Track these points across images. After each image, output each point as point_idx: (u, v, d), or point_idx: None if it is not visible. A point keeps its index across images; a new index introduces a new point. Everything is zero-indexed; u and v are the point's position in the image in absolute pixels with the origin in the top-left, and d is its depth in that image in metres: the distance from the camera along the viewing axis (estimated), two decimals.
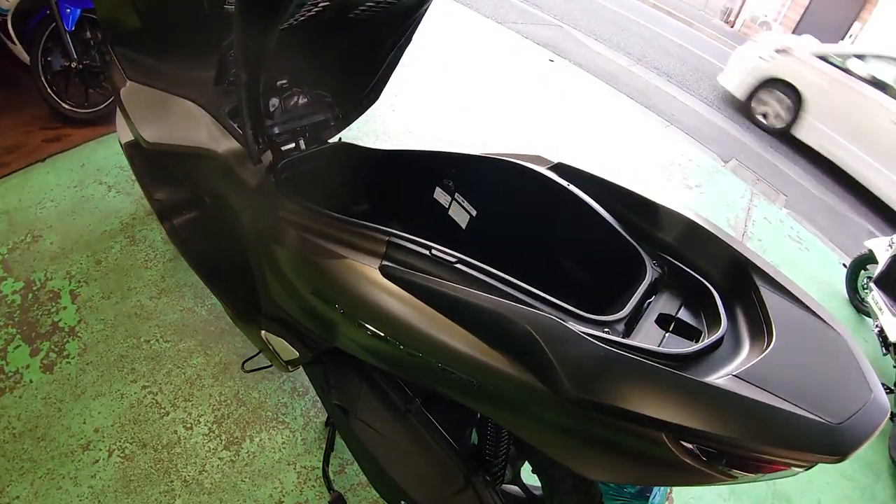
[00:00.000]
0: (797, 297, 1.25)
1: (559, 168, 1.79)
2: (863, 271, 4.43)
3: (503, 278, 1.28)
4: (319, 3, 1.41)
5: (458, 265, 1.30)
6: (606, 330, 1.19)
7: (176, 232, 2.22)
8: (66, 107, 3.23)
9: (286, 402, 2.23)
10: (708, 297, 1.35)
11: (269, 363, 2.00)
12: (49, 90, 3.15)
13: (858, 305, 4.46)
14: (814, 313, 1.22)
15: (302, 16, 1.46)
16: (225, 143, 1.83)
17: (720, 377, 1.03)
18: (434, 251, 1.33)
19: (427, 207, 2.15)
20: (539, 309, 1.18)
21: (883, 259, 4.02)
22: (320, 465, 2.05)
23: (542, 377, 1.07)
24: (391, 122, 4.30)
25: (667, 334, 1.28)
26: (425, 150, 2.05)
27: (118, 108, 2.13)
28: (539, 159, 1.85)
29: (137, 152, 2.21)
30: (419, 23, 1.87)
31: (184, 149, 1.89)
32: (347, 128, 2.20)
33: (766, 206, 5.37)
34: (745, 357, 1.13)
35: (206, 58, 1.96)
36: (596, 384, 1.02)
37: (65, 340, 2.18)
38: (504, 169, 1.83)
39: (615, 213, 1.61)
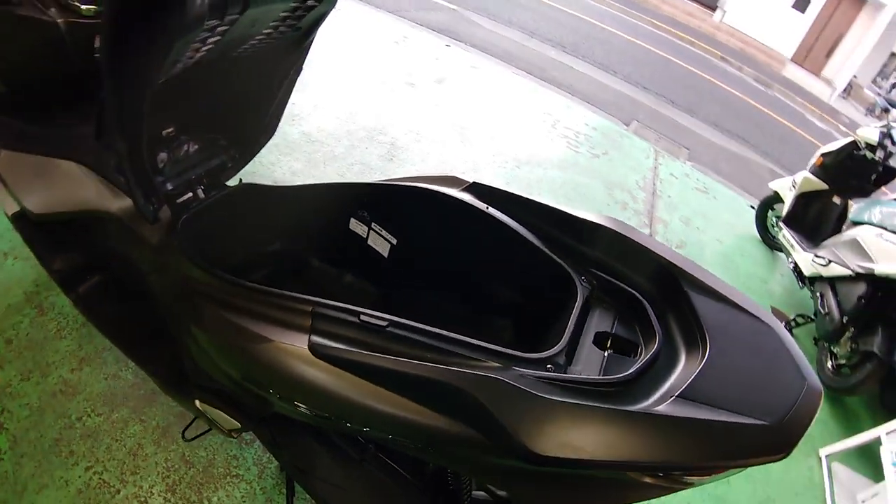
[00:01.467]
0: (725, 296, 1.30)
1: (474, 188, 1.77)
2: (770, 211, 4.71)
3: (437, 334, 1.25)
4: (200, 50, 1.34)
5: (390, 328, 1.26)
6: (549, 366, 1.20)
7: (83, 301, 2.07)
8: None
9: (235, 454, 2.18)
10: (640, 308, 1.37)
11: (210, 427, 1.94)
12: None
13: (770, 243, 4.75)
14: (743, 309, 1.27)
15: (181, 66, 1.38)
16: (117, 202, 1.72)
17: (663, 398, 1.08)
18: (363, 317, 1.27)
19: (344, 239, 2.11)
20: (479, 360, 1.19)
21: (788, 199, 4.29)
22: None
23: (496, 439, 1.08)
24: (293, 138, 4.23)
25: (606, 354, 1.31)
26: (333, 183, 2.01)
27: None
28: (453, 180, 1.84)
29: (25, 223, 2.05)
30: (308, 51, 1.83)
31: (74, 214, 1.78)
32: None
33: (671, 163, 5.60)
34: (682, 369, 1.17)
35: (84, 112, 1.82)
36: (550, 440, 1.03)
37: None
38: (418, 195, 1.81)
39: (537, 232, 1.61)
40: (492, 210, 1.65)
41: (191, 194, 1.85)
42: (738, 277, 4.27)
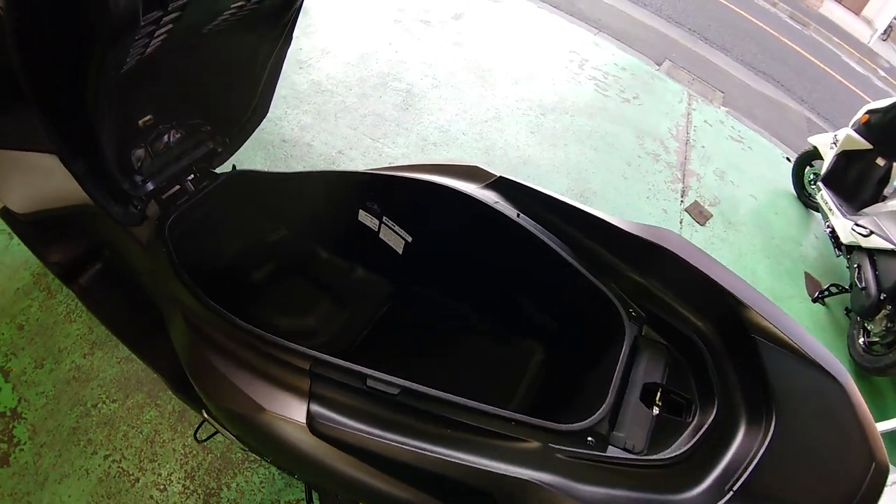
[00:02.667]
0: (795, 346, 1.14)
1: (501, 184, 1.59)
2: (808, 167, 4.47)
3: (457, 404, 1.09)
4: (150, 45, 1.14)
5: (402, 397, 1.09)
6: (590, 439, 1.07)
7: (86, 293, 1.95)
8: None
9: None
10: (697, 355, 1.23)
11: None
12: None
13: (806, 201, 4.53)
14: (813, 362, 1.12)
15: (134, 60, 1.18)
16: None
17: (719, 487, 0.95)
18: (370, 382, 1.11)
19: (353, 231, 1.95)
20: (508, 438, 1.04)
21: (828, 157, 4.04)
22: (303, 496, 1.98)
23: None
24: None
25: (655, 413, 1.17)
26: (337, 172, 1.83)
27: None
28: (477, 171, 1.65)
29: (14, 219, 1.90)
30: (295, 21, 1.61)
31: (60, 210, 1.63)
32: None
33: (705, 108, 5.31)
34: (742, 441, 1.04)
35: None
36: None
37: (11, 426, 2.00)
38: (437, 192, 1.62)
39: (576, 245, 1.43)
40: (523, 220, 1.47)
41: (178, 187, 1.69)
42: (771, 238, 4.08)
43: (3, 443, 1.95)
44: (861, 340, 3.35)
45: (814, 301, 3.67)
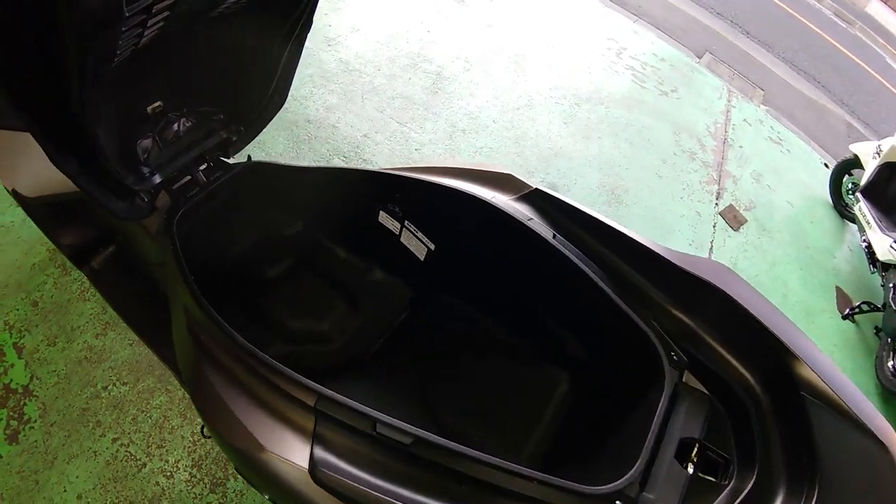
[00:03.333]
0: (845, 407, 1.04)
1: (536, 197, 1.48)
2: (847, 176, 4.31)
3: (471, 457, 0.99)
4: (144, 35, 1.04)
5: (414, 448, 1.00)
6: (618, 503, 0.98)
7: (98, 276, 1.90)
8: None
9: None
10: (739, 409, 1.14)
11: None
12: None
13: (843, 211, 4.37)
14: (861, 426, 1.02)
15: (132, 47, 1.08)
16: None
17: None
18: (380, 426, 1.01)
19: (373, 232, 1.86)
20: (529, 501, 0.97)
21: (870, 167, 3.88)
22: None
23: None
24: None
25: (689, 472, 1.08)
26: (360, 169, 1.74)
27: None
28: (511, 180, 1.54)
29: (25, 200, 1.85)
30: (309, 4, 1.46)
31: (70, 196, 1.56)
32: None
33: (745, 106, 5.14)
34: None
35: None
36: None
37: (22, 403, 1.97)
38: (469, 204, 1.50)
39: (612, 271, 1.32)
40: (559, 241, 1.36)
41: (189, 178, 1.60)
42: (806, 248, 3.95)
43: (13, 420, 1.93)
44: (890, 363, 3.21)
45: (844, 318, 3.55)
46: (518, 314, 1.65)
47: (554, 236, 1.37)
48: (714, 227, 3.68)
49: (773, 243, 3.82)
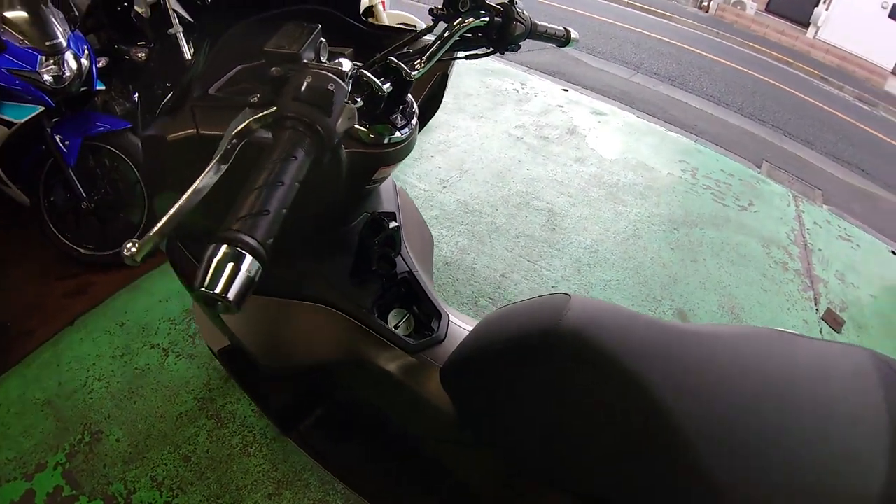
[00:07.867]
0: None
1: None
2: None
3: None
4: None
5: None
6: None
7: (307, 441, 1.72)
8: (83, 251, 2.76)
9: None
10: None
11: None
12: (59, 235, 2.71)
13: None
14: None
15: None
16: (382, 352, 1.34)
17: None
18: None
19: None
20: None
21: None
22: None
23: None
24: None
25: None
26: None
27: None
28: None
29: (237, 361, 1.70)
30: None
31: (319, 363, 1.43)
32: None
33: (811, 209, 5.77)
34: None
35: (325, 250, 1.40)
36: None
37: None
38: None
39: None
40: None
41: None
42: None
43: None
44: None
45: None
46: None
47: None
48: (821, 332, 4.20)
49: (871, 340, 4.31)
